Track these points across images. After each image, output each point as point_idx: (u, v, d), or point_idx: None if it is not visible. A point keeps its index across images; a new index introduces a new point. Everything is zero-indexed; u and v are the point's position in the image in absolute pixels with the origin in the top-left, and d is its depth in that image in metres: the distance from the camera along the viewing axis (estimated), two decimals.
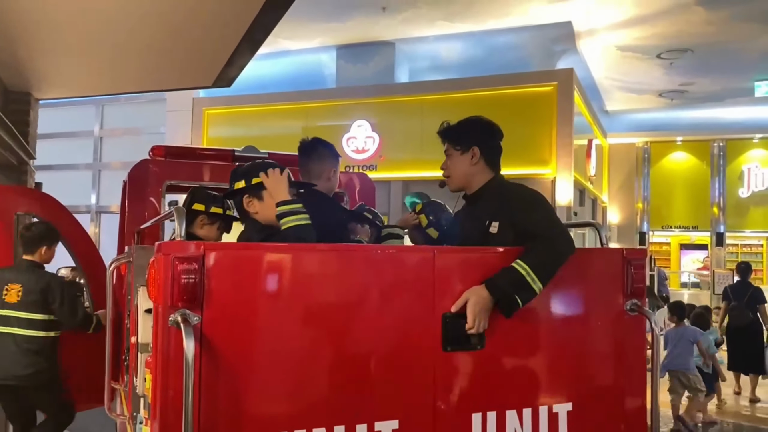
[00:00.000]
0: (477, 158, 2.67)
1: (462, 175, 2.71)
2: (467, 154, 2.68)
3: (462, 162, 2.69)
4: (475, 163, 2.67)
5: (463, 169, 2.70)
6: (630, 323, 2.58)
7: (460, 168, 2.70)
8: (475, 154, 2.67)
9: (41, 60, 4.73)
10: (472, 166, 2.68)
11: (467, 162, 2.68)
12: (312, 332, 2.12)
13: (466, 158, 2.68)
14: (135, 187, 4.44)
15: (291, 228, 2.40)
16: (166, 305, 1.92)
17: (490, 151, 2.70)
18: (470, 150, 2.67)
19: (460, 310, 2.27)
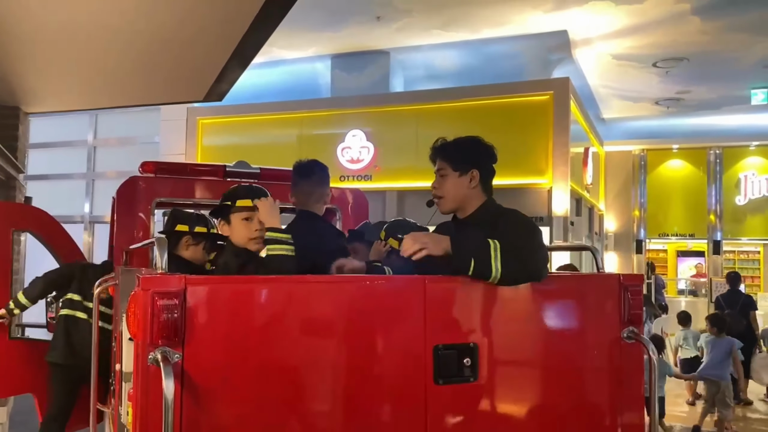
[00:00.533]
0: (475, 182, 2.54)
1: (457, 197, 2.56)
2: (465, 176, 2.54)
3: (459, 184, 2.54)
4: (473, 187, 2.54)
5: (460, 192, 2.55)
6: (627, 351, 2.52)
7: (457, 190, 2.55)
8: (474, 177, 2.54)
9: (30, 75, 4.66)
10: (469, 190, 2.54)
11: (465, 185, 2.54)
12: (298, 366, 2.05)
13: (464, 181, 2.54)
14: (124, 204, 4.37)
15: (275, 256, 2.37)
16: (145, 342, 1.85)
17: (488, 175, 2.59)
18: (469, 173, 2.54)
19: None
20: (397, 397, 2.17)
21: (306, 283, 2.17)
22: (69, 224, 14.10)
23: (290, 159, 10.77)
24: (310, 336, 2.08)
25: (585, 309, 2.51)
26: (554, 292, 2.48)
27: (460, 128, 10.14)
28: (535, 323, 2.39)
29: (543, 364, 2.41)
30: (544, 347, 2.41)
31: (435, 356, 2.19)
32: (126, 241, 4.22)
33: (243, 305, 2.01)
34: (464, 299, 2.29)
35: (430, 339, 2.19)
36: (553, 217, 10.35)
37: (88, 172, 14.45)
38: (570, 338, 2.47)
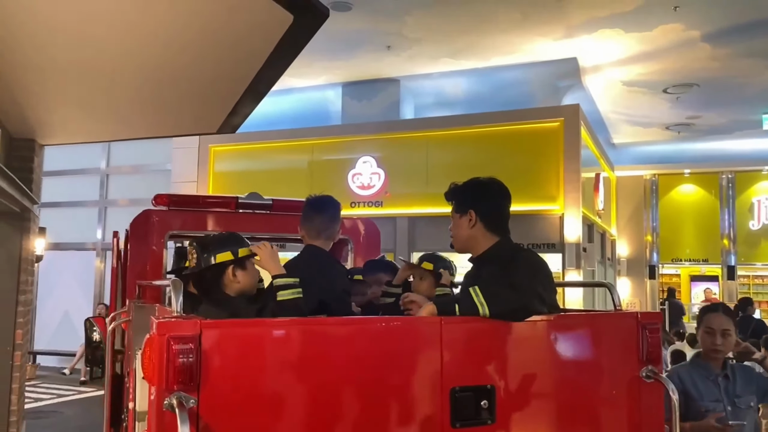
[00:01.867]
0: (474, 221, 2.60)
1: (462, 238, 2.67)
2: (465, 217, 2.63)
3: (461, 225, 2.65)
4: (472, 227, 2.61)
5: (463, 233, 2.65)
6: (647, 390, 2.48)
7: (460, 231, 2.67)
8: (472, 217, 2.60)
9: (45, 110, 4.72)
10: (471, 230, 2.62)
11: (465, 225, 2.63)
12: (316, 410, 2.03)
13: (464, 222, 2.63)
14: (137, 237, 4.39)
15: (286, 302, 2.37)
16: (161, 387, 1.84)
17: (489, 214, 2.62)
18: (467, 213, 2.62)
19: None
20: None
21: (321, 325, 2.15)
22: (81, 251, 14.26)
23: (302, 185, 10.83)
24: (325, 379, 2.06)
25: (603, 348, 2.48)
26: (571, 330, 2.46)
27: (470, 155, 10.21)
28: (552, 363, 2.36)
29: (561, 405, 2.37)
30: (562, 387, 2.38)
31: (452, 399, 2.16)
32: (139, 273, 4.23)
33: (258, 348, 1.99)
34: (481, 340, 2.27)
35: (447, 381, 2.17)
36: (565, 243, 10.29)
37: (100, 200, 14.58)
38: (588, 378, 2.44)
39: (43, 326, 13.98)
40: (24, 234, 5.50)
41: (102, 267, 14.25)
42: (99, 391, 10.64)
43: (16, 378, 5.41)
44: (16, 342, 5.38)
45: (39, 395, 10.57)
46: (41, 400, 10.33)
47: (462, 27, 9.51)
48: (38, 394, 10.61)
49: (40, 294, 13.74)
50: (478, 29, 9.58)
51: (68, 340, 13.18)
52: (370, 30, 9.64)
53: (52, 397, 10.63)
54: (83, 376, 12.11)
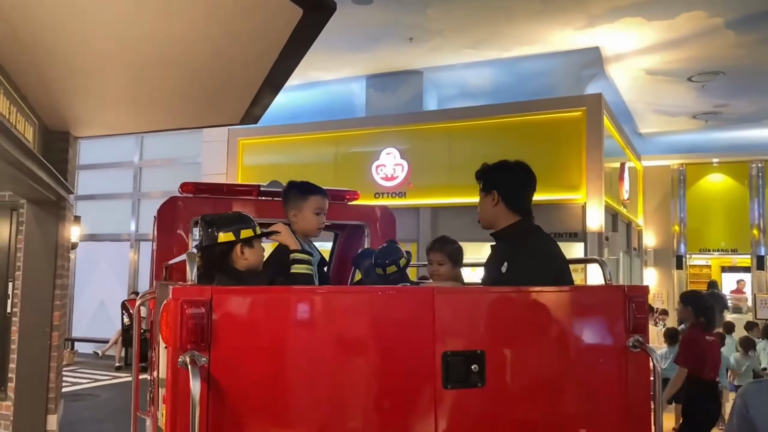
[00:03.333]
0: (497, 201, 2.82)
1: (485, 216, 2.91)
2: (489, 196, 2.85)
3: (485, 204, 2.89)
4: (494, 206, 2.83)
5: (486, 211, 2.89)
6: (633, 359, 2.62)
7: (484, 210, 2.90)
8: (495, 197, 2.82)
9: (79, 104, 4.99)
10: (494, 208, 2.84)
11: (489, 204, 2.86)
12: (315, 371, 2.22)
13: (488, 200, 2.86)
14: (164, 223, 4.63)
15: (300, 274, 2.59)
16: (175, 347, 2.05)
17: (511, 195, 2.83)
18: (491, 193, 2.84)
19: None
20: (409, 400, 2.32)
21: (322, 293, 2.35)
22: (116, 242, 14.73)
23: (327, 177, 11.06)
24: (327, 343, 2.25)
25: (591, 319, 2.63)
26: (560, 302, 2.61)
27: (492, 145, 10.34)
28: (541, 332, 2.52)
29: (549, 371, 2.53)
30: (550, 355, 2.53)
31: (443, 362, 2.34)
32: (166, 257, 4.47)
33: (264, 313, 2.19)
34: (472, 309, 2.44)
35: (440, 346, 2.34)
36: (587, 232, 10.34)
37: (134, 192, 15.02)
38: (576, 347, 2.59)
39: (80, 315, 14.51)
40: (60, 221, 5.82)
41: (135, 257, 14.71)
42: None
43: (54, 357, 5.74)
44: (53, 323, 5.71)
45: (76, 379, 11.03)
46: (78, 383, 10.78)
47: (483, 18, 9.60)
48: (75, 378, 11.06)
49: (77, 283, 14.26)
50: (500, 20, 9.66)
51: (104, 327, 13.67)
52: (392, 23, 9.79)
53: (89, 381, 11.07)
54: (118, 362, 12.55)
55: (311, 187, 3.33)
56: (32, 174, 4.41)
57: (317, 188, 3.32)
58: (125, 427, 6.65)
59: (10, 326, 5.87)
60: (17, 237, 5.99)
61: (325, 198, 3.29)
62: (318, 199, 3.25)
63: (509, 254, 2.75)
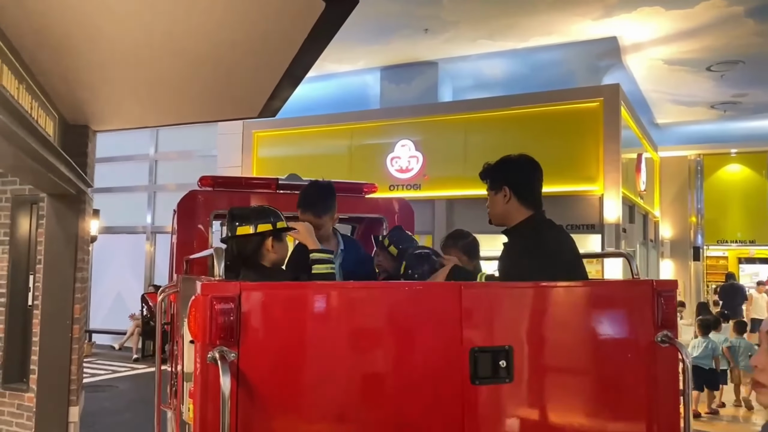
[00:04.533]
0: (509, 197, 2.78)
1: (497, 213, 2.87)
2: (500, 193, 2.81)
3: (496, 201, 2.85)
4: (507, 202, 2.79)
5: (498, 208, 2.85)
6: (662, 354, 2.59)
7: (495, 207, 2.87)
8: (506, 193, 2.78)
9: (98, 98, 5.01)
10: (506, 205, 2.80)
11: (501, 201, 2.82)
12: (344, 366, 2.22)
13: (499, 198, 2.82)
14: (184, 217, 4.64)
15: (321, 275, 2.58)
16: (204, 342, 2.05)
17: (522, 190, 2.79)
18: (502, 190, 2.80)
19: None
20: (437, 395, 2.31)
21: (351, 289, 2.34)
22: (132, 234, 14.82)
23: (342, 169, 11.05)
24: (354, 338, 2.25)
25: (619, 313, 2.60)
26: (589, 297, 2.59)
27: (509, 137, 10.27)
28: (569, 327, 2.50)
29: (577, 367, 2.51)
30: (578, 350, 2.51)
31: (471, 358, 2.32)
32: (186, 251, 4.48)
33: (292, 309, 2.19)
34: (499, 304, 2.42)
35: (467, 342, 2.33)
36: (604, 224, 10.26)
37: (150, 185, 15.10)
38: (604, 342, 2.57)
39: (97, 306, 14.63)
40: (80, 215, 5.85)
41: (152, 250, 14.80)
42: (150, 367, 11.16)
43: (75, 350, 5.79)
44: (74, 316, 5.75)
45: (95, 371, 11.13)
46: (97, 375, 10.88)
47: (499, 8, 9.52)
48: (94, 370, 11.17)
49: (94, 275, 14.36)
50: (516, 10, 9.58)
51: (121, 319, 13.77)
52: (407, 14, 9.74)
53: (108, 373, 11.18)
54: (135, 353, 12.66)
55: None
56: (53, 168, 4.43)
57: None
58: (144, 417, 6.71)
59: (32, 319, 5.92)
60: (37, 230, 6.03)
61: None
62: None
63: (520, 250, 2.75)
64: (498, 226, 2.94)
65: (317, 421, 2.17)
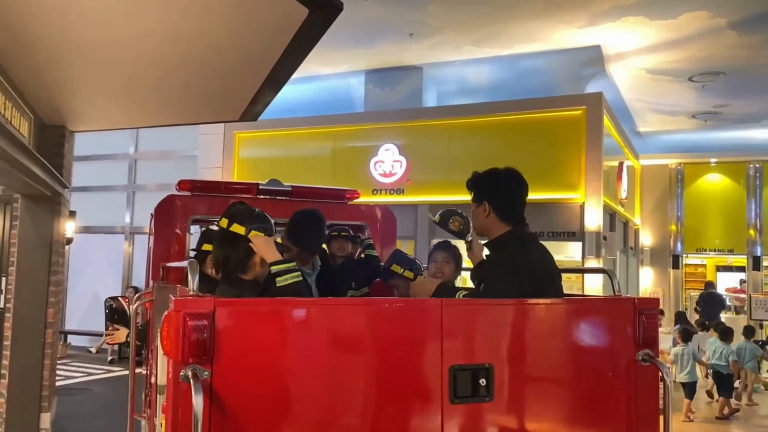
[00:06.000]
0: (488, 212, 2.77)
1: (478, 227, 2.90)
2: (480, 207, 2.81)
3: (477, 215, 2.85)
4: (486, 216, 2.78)
5: (479, 222, 2.86)
6: (642, 372, 2.57)
7: (476, 220, 2.88)
8: (486, 209, 2.78)
9: (76, 99, 4.91)
10: (485, 219, 2.79)
11: (481, 215, 2.81)
12: (321, 384, 2.16)
13: (480, 212, 2.82)
14: (161, 222, 4.56)
15: (287, 286, 2.50)
16: (177, 360, 1.98)
17: (502, 206, 2.77)
18: (482, 204, 2.79)
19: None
20: (416, 414, 2.27)
21: (328, 305, 2.28)
22: (110, 234, 14.61)
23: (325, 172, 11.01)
24: (331, 356, 2.19)
25: (599, 331, 2.58)
26: (570, 314, 2.56)
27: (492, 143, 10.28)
28: (549, 345, 2.47)
29: (557, 385, 2.48)
30: (558, 368, 2.48)
31: (451, 376, 2.28)
32: (163, 256, 4.40)
33: (267, 326, 2.13)
34: (480, 322, 2.38)
35: (447, 359, 2.28)
36: (585, 232, 10.29)
37: (129, 184, 14.90)
38: (585, 360, 2.54)
39: (73, 307, 14.40)
40: (55, 217, 5.73)
41: (130, 250, 14.61)
42: (126, 370, 10.98)
43: (48, 355, 5.67)
44: (48, 320, 5.63)
45: (70, 373, 10.95)
46: (72, 377, 10.70)
47: (485, 15, 9.51)
48: (69, 372, 10.99)
49: (71, 275, 14.14)
50: (501, 17, 9.58)
51: (98, 320, 13.57)
52: (393, 18, 9.70)
53: (82, 375, 11.00)
54: (111, 355, 12.48)
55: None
56: (26, 170, 4.32)
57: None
58: (118, 422, 6.59)
59: (3, 322, 5.79)
60: (11, 232, 5.90)
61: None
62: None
63: (488, 270, 2.77)
64: (479, 236, 2.99)
65: None
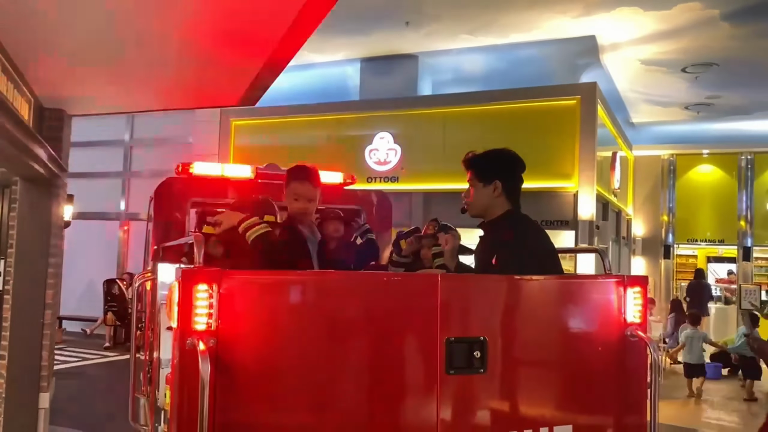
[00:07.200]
0: (499, 191, 2.80)
1: (482, 205, 2.86)
2: (490, 186, 2.81)
3: (484, 194, 2.83)
4: (497, 196, 2.81)
5: (484, 201, 2.84)
6: (631, 348, 2.66)
7: (482, 199, 2.85)
8: (497, 187, 2.80)
9: (74, 83, 4.94)
10: (493, 198, 2.82)
11: (489, 194, 2.82)
12: (321, 354, 2.24)
13: (488, 190, 2.82)
14: (161, 204, 4.62)
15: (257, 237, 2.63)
16: (183, 328, 2.06)
17: (511, 185, 2.83)
18: (493, 183, 2.80)
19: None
20: (412, 385, 2.35)
21: (330, 277, 2.36)
22: (105, 221, 14.62)
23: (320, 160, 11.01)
24: (333, 326, 2.27)
25: (590, 307, 2.66)
26: (561, 290, 2.64)
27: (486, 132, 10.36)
28: (542, 320, 2.55)
29: (549, 359, 2.57)
30: (550, 343, 2.56)
31: (447, 348, 2.36)
32: (162, 238, 4.46)
33: (271, 296, 2.21)
34: (475, 296, 2.46)
35: (443, 332, 2.36)
36: (578, 221, 10.41)
37: (124, 171, 14.91)
38: (575, 334, 2.62)
39: (68, 293, 14.36)
40: (54, 200, 5.77)
41: (125, 236, 14.63)
42: (121, 355, 11.07)
43: (47, 336, 5.72)
44: (46, 302, 5.68)
45: (65, 357, 11.01)
46: (67, 362, 10.77)
47: (481, 4, 9.56)
48: (65, 357, 11.05)
49: (65, 261, 14.13)
50: (497, 6, 9.63)
51: (92, 306, 13.60)
52: (389, 6, 9.74)
53: (78, 360, 11.07)
54: (108, 341, 12.54)
55: (291, 171, 3.27)
56: (28, 151, 4.36)
57: (295, 174, 3.23)
58: (115, 405, 6.68)
59: (2, 304, 5.83)
60: (9, 214, 5.93)
61: (301, 183, 3.18)
62: (294, 185, 3.17)
63: (500, 245, 2.76)
64: (474, 217, 2.92)
65: (294, 406, 2.20)
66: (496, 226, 2.84)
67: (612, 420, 2.63)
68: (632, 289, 2.65)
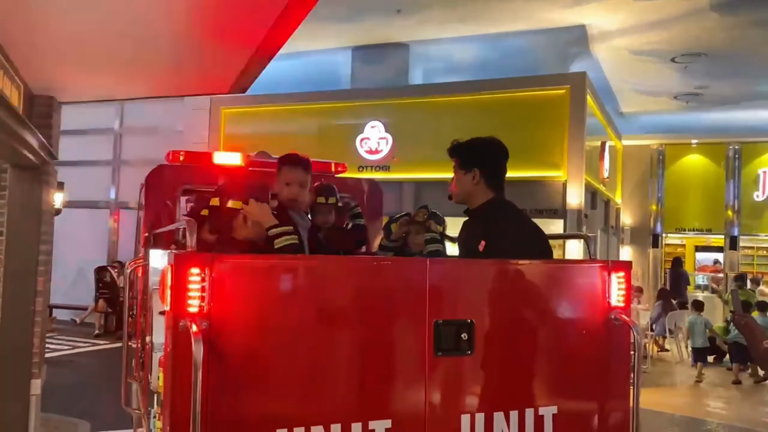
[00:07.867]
0: (477, 179, 2.86)
1: (463, 192, 2.94)
2: (469, 174, 2.88)
3: (464, 181, 2.91)
4: (475, 184, 2.87)
5: (465, 188, 2.91)
6: (614, 332, 2.72)
7: (462, 186, 2.93)
8: (476, 175, 2.86)
9: (64, 69, 4.93)
10: (473, 186, 2.88)
11: (469, 182, 2.89)
12: (311, 336, 2.29)
13: (468, 178, 2.88)
14: (152, 191, 4.63)
15: (283, 247, 2.62)
16: (176, 311, 2.10)
17: (491, 173, 2.88)
18: (472, 171, 2.87)
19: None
20: (402, 365, 2.41)
21: (319, 261, 2.40)
22: (95, 209, 14.58)
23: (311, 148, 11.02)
24: (324, 310, 2.31)
25: (575, 292, 2.72)
26: (547, 275, 2.70)
27: (477, 121, 10.43)
28: (528, 304, 2.61)
29: (535, 341, 2.63)
30: (536, 326, 2.62)
31: (435, 330, 2.41)
32: (153, 225, 4.48)
33: (262, 280, 2.25)
34: (463, 280, 2.51)
35: (431, 315, 2.42)
36: (567, 209, 10.49)
37: (114, 159, 14.85)
38: (560, 318, 2.68)
39: (58, 281, 14.34)
40: (44, 187, 5.77)
41: (115, 225, 14.60)
42: (112, 344, 11.08)
43: (38, 323, 5.74)
44: (37, 289, 5.70)
45: (56, 346, 11.01)
46: (58, 350, 10.77)
47: None
48: (55, 345, 11.05)
49: (55, 250, 14.10)
50: None
51: (82, 294, 13.60)
52: None
53: (69, 348, 11.07)
54: (98, 329, 12.54)
55: (282, 158, 3.30)
56: (19, 137, 4.37)
57: (287, 159, 3.26)
58: (106, 393, 6.71)
59: None
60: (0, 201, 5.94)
61: (293, 169, 3.20)
62: (285, 170, 3.20)
63: (486, 232, 2.81)
64: (458, 203, 3.00)
65: (285, 387, 2.24)
66: (478, 213, 2.90)
67: (596, 401, 2.70)
68: (616, 274, 2.71)
